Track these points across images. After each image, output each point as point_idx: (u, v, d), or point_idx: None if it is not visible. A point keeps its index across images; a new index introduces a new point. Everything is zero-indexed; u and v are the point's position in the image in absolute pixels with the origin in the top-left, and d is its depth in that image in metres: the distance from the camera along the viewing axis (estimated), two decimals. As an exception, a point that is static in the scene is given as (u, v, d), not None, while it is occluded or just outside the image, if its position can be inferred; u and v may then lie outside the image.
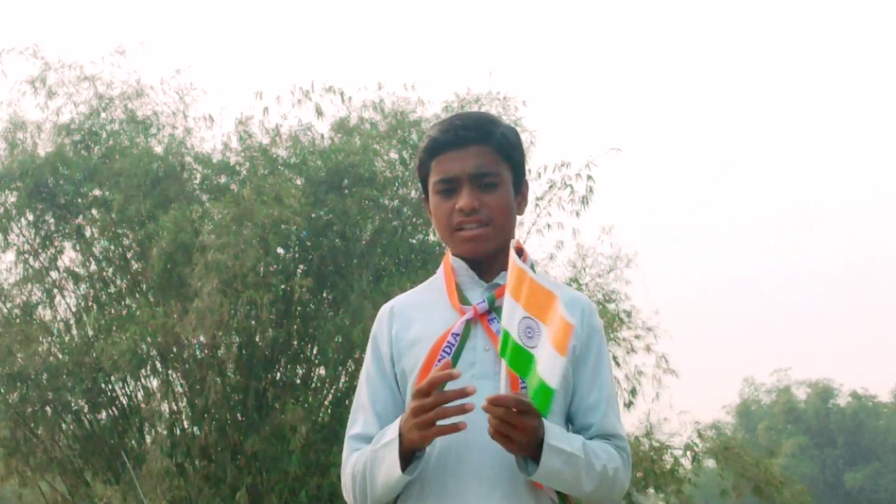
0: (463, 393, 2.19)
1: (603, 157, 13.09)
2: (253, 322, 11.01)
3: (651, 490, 13.35)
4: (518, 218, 2.56)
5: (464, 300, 2.46)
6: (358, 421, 2.48)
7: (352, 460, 2.43)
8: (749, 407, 50.95)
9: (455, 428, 2.21)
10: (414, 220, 12.34)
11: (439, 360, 2.34)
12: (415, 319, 2.48)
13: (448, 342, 2.39)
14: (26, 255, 12.31)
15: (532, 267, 2.40)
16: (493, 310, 2.42)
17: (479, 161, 2.44)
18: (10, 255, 12.32)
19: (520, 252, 2.36)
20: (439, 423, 2.21)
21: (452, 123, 2.48)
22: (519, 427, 2.18)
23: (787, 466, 37.53)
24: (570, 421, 2.48)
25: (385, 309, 2.56)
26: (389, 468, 2.30)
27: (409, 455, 2.30)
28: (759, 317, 79.51)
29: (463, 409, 2.18)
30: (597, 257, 12.94)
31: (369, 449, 2.36)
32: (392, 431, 2.31)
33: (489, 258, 2.49)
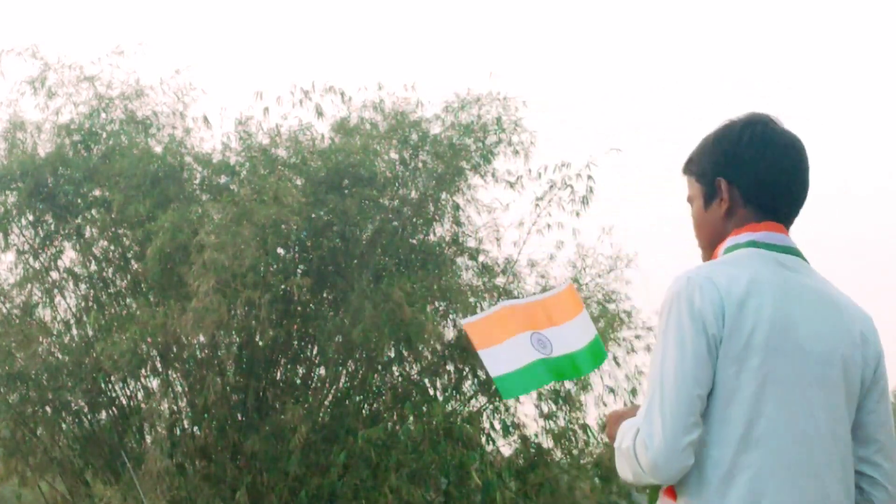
0: None
1: (603, 157, 13.03)
2: (252, 322, 11.00)
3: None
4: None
5: None
6: None
7: None
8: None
9: None
10: (414, 220, 12.33)
11: None
12: None
13: None
14: (26, 256, 12.29)
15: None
16: None
17: None
18: (10, 256, 12.30)
19: None
20: None
21: None
22: None
23: (787, 466, 37.47)
24: None
25: None
26: None
27: None
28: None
29: None
30: (597, 257, 12.89)
31: None
32: None
33: None
